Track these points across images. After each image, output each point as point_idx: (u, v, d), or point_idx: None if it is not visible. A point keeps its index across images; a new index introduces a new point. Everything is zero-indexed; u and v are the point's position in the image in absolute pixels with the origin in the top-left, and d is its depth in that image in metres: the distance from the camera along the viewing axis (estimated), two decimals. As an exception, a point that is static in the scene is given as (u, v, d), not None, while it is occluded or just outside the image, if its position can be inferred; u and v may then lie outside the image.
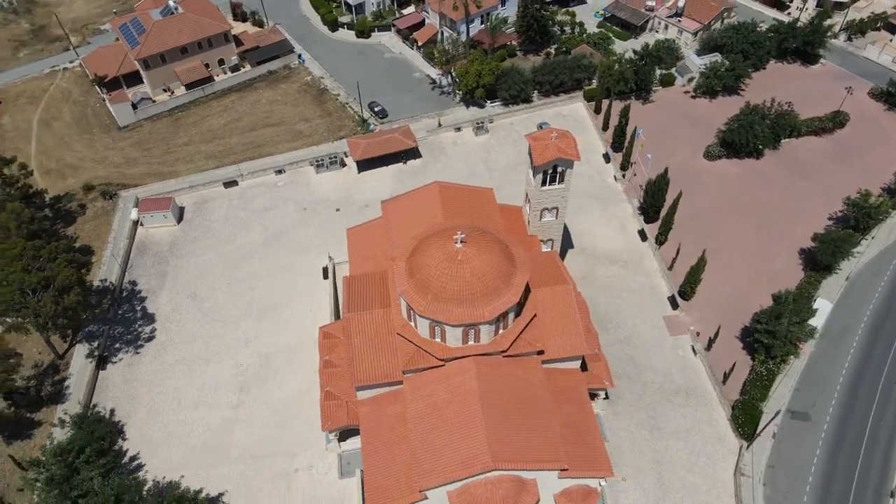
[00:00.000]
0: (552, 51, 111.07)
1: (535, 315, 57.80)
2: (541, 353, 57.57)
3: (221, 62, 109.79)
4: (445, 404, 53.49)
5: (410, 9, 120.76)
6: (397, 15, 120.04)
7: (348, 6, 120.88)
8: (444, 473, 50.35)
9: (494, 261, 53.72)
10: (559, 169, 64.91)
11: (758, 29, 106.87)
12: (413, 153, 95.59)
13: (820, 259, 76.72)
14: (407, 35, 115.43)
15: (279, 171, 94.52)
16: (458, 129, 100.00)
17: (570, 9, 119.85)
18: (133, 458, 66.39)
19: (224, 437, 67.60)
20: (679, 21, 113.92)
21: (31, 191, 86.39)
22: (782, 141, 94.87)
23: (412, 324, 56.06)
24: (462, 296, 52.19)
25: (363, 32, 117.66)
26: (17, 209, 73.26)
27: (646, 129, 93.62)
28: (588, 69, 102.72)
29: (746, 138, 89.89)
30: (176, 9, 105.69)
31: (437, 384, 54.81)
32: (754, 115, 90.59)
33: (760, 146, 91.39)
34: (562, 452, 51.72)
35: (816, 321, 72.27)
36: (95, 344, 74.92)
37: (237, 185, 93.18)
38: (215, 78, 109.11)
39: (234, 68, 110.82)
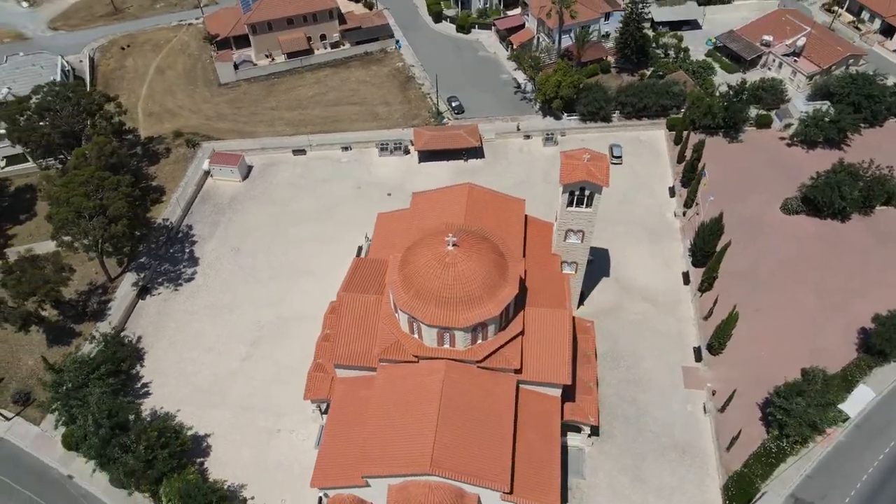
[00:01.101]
0: (648, 72, 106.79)
1: (521, 332, 56.74)
2: (518, 371, 56.43)
3: (323, 37, 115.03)
4: (408, 400, 53.95)
5: (517, 11, 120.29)
6: (501, 15, 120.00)
7: (456, 0, 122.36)
8: (386, 466, 50.97)
9: (482, 270, 53.21)
10: (587, 192, 62.79)
11: (881, 82, 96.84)
12: (476, 152, 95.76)
13: (874, 343, 69.10)
14: (504, 36, 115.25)
15: (346, 148, 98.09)
16: (528, 137, 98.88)
17: (680, 32, 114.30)
18: (144, 385, 72.19)
19: (225, 384, 71.89)
20: (795, 61, 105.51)
21: (124, 128, 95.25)
22: (877, 208, 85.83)
23: (396, 315, 56.82)
24: (442, 298, 52.24)
25: (463, 28, 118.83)
26: (101, 142, 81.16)
27: (725, 170, 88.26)
28: (677, 97, 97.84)
29: (830, 198, 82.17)
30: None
31: (406, 379, 55.34)
32: (844, 174, 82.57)
33: (847, 208, 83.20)
34: (506, 475, 50.66)
35: (851, 408, 65.50)
36: (142, 275, 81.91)
37: (305, 154, 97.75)
38: (315, 51, 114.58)
39: (334, 45, 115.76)
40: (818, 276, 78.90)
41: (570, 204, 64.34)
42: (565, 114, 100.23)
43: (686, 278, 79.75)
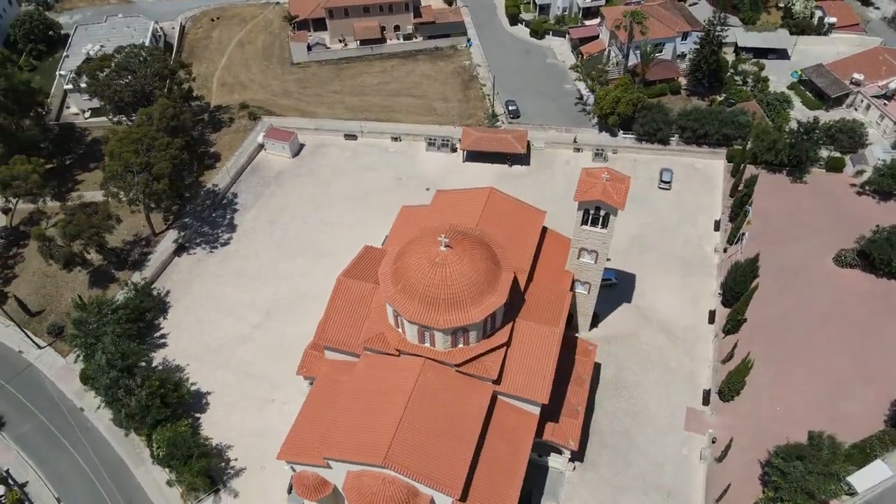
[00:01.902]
0: (720, 98, 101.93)
1: (507, 343, 56.05)
2: (497, 382, 55.75)
3: (397, 28, 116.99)
4: (380, 391, 54.49)
5: (595, 21, 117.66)
6: (578, 24, 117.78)
7: (536, 4, 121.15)
8: (344, 451, 51.74)
9: (470, 275, 52.77)
10: (602, 212, 61.00)
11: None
12: (521, 159, 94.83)
13: (903, 417, 63.46)
14: (577, 45, 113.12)
15: (395, 139, 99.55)
16: (578, 150, 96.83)
17: (764, 61, 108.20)
18: (161, 336, 76.50)
19: (234, 348, 75.00)
20: (885, 104, 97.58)
21: (193, 94, 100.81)
22: (945, 274, 78.39)
23: (387, 308, 57.40)
24: (426, 296, 52.26)
25: (537, 33, 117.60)
26: (164, 105, 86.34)
27: (781, 211, 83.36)
28: (742, 127, 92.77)
29: (889, 255, 75.76)
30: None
31: (384, 371, 55.90)
32: (909, 232, 75.93)
33: (907, 270, 76.60)
34: (460, 482, 50.27)
35: (861, 483, 60.45)
36: (182, 234, 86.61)
37: (356, 139, 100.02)
38: (387, 41, 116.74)
39: (407, 37, 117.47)
40: (858, 338, 73.00)
41: (584, 222, 62.78)
42: (621, 131, 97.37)
43: (711, 317, 75.90)
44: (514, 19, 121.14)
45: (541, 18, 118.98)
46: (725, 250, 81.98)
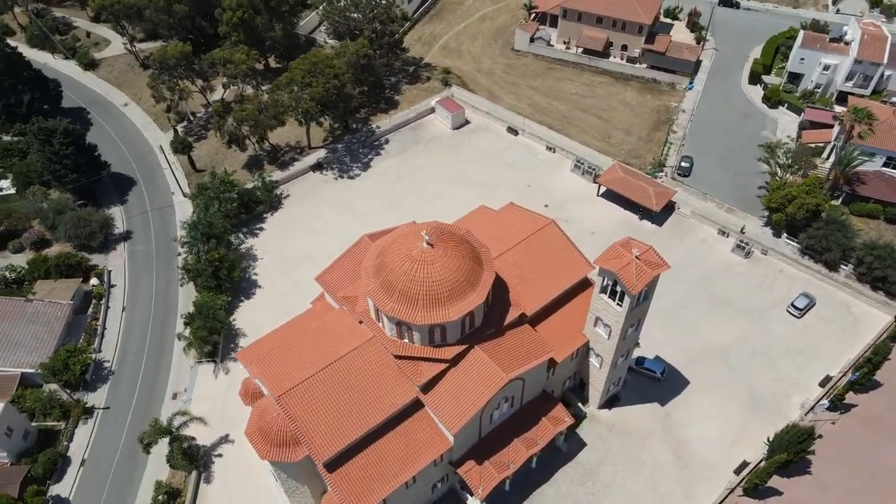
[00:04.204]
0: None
1: (451, 363, 55.24)
2: (424, 391, 55.36)
3: (624, 48, 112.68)
4: (326, 342, 57.03)
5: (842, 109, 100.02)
6: (825, 107, 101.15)
7: (787, 71, 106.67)
8: (263, 372, 55.81)
9: (449, 278, 52.44)
10: (618, 288, 55.22)
11: None
12: (655, 216, 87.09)
13: None
14: (805, 127, 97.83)
15: (550, 149, 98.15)
16: (723, 234, 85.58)
17: None
18: (259, 228, 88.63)
19: (300, 262, 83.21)
20: None
21: (402, 46, 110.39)
22: None
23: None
24: (387, 281, 53.55)
25: (769, 100, 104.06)
26: (361, 44, 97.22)
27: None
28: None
29: None
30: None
31: (340, 327, 58.46)
32: None
33: None
34: (332, 450, 51.86)
35: None
36: (327, 155, 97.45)
37: (515, 135, 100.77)
38: (609, 57, 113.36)
39: (631, 59, 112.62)
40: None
41: (604, 291, 57.53)
42: (786, 234, 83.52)
43: (741, 468, 63.99)
44: (755, 78, 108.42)
45: (778, 86, 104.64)
46: (809, 411, 67.41)
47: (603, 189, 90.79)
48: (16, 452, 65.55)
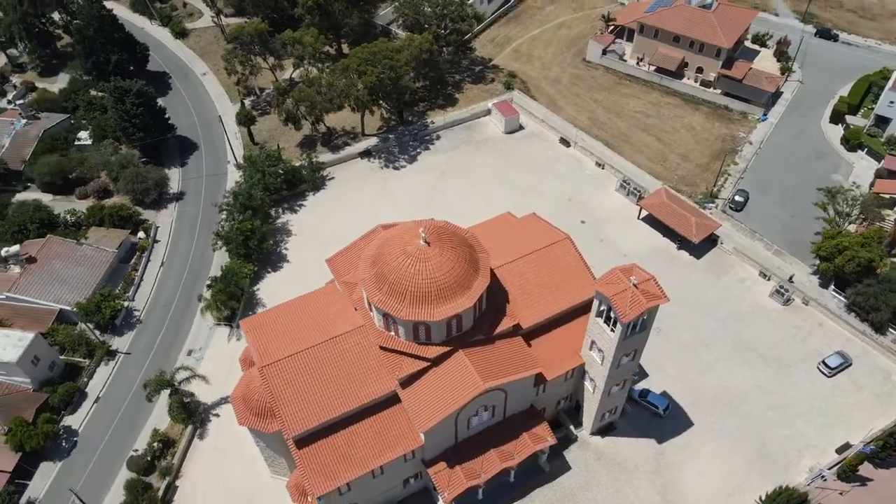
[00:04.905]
0: None
1: (432, 363, 55.40)
2: (403, 386, 55.76)
3: (699, 70, 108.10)
4: (322, 322, 58.82)
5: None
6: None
7: (876, 114, 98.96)
8: (256, 341, 58.07)
9: (439, 278, 52.64)
10: (612, 315, 53.47)
11: None
12: (693, 248, 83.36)
13: None
14: (883, 175, 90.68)
15: (599, 165, 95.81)
16: (765, 276, 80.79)
17: None
18: (299, 205, 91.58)
19: (333, 243, 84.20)
20: None
21: (468, 44, 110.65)
22: None
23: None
24: (380, 275, 54.16)
25: (848, 141, 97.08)
26: (425, 39, 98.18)
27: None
28: None
29: None
30: (711, 5, 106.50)
31: (338, 309, 60.17)
32: None
33: None
34: (301, 428, 53.24)
35: None
36: (376, 143, 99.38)
37: (567, 147, 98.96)
38: (682, 78, 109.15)
39: (705, 83, 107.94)
40: None
41: (599, 314, 55.93)
42: (833, 285, 77.95)
43: (728, 522, 60.65)
44: (838, 117, 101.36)
45: (868, 129, 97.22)
46: (815, 478, 62.76)
47: (644, 213, 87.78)
48: (40, 380, 71.12)
